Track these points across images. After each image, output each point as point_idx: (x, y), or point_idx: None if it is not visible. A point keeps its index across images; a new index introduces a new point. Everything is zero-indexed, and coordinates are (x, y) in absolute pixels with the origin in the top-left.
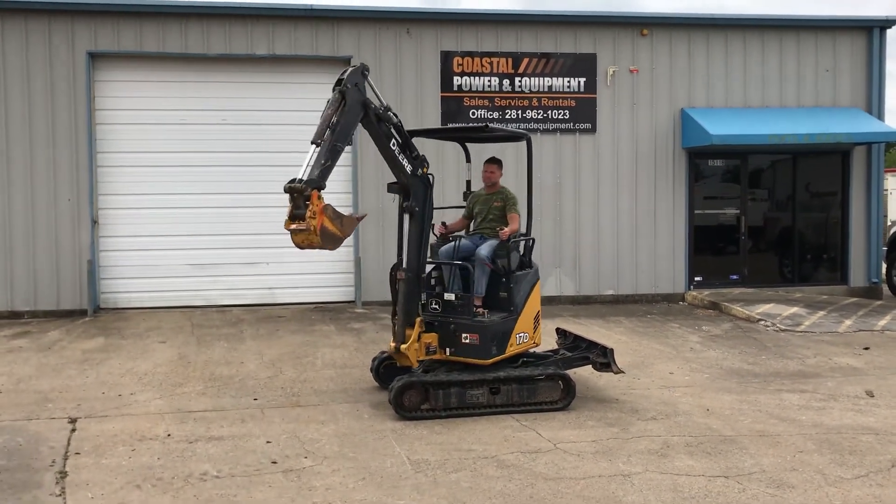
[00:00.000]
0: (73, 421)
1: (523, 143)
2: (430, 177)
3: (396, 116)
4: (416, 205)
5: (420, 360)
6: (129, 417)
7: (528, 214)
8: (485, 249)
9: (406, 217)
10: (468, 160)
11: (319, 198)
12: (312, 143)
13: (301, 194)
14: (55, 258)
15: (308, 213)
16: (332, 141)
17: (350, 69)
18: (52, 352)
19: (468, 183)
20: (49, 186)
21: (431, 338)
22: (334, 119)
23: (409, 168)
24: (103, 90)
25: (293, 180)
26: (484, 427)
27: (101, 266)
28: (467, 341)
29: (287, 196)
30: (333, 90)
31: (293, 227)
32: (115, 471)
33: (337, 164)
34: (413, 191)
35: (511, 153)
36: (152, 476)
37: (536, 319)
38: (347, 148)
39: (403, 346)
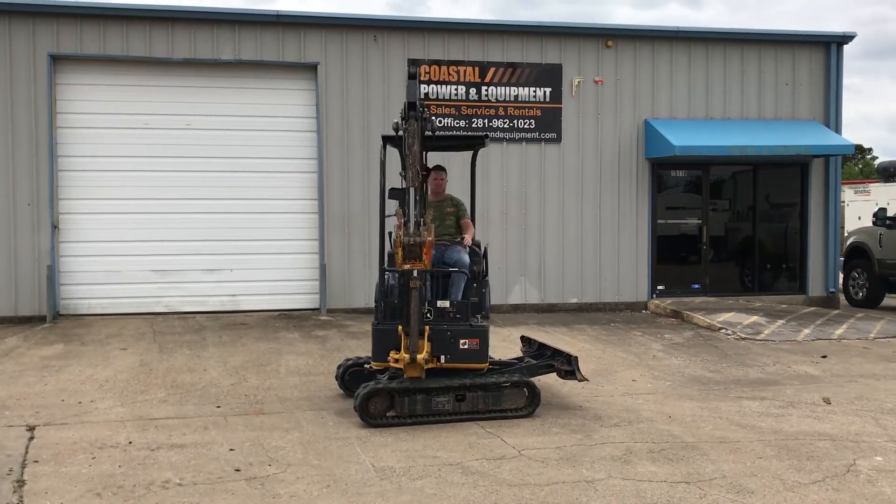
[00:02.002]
0: (31, 428)
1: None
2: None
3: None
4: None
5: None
6: (89, 425)
7: (473, 220)
8: (466, 257)
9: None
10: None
11: (429, 238)
12: (411, 185)
13: (417, 247)
14: (14, 263)
15: (423, 254)
16: (415, 168)
17: (411, 85)
18: (9, 358)
19: None
20: (8, 190)
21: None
22: (416, 148)
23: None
24: (65, 93)
25: (407, 233)
26: (449, 434)
27: (61, 272)
28: (466, 347)
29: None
30: (408, 118)
31: (408, 267)
32: (75, 479)
33: (302, 171)
34: (420, 194)
35: (457, 160)
36: (113, 484)
37: None
38: (314, 155)
39: (420, 357)
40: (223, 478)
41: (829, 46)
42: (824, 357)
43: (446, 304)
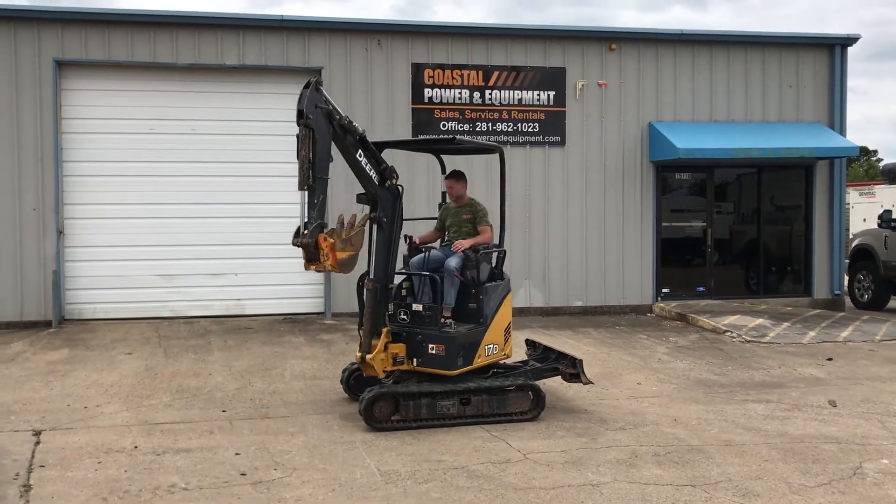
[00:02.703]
0: (37, 433)
1: (496, 156)
2: (398, 188)
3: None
4: (384, 215)
5: (387, 370)
6: (94, 430)
7: (500, 226)
8: (454, 260)
9: (375, 227)
10: (443, 172)
11: (325, 240)
12: (300, 189)
13: (309, 248)
14: (19, 268)
15: (322, 257)
16: (315, 177)
17: (304, 93)
18: (15, 363)
19: (443, 195)
20: (13, 196)
21: (399, 348)
22: (311, 156)
23: (376, 179)
24: (70, 99)
25: (297, 233)
26: (454, 437)
27: (66, 276)
28: (433, 352)
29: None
30: (298, 124)
31: (313, 269)
32: (81, 483)
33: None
34: (381, 202)
35: (481, 166)
36: (119, 489)
37: (507, 331)
38: None
39: (369, 357)
40: (229, 482)
41: (833, 48)
42: (830, 359)
43: (419, 307)
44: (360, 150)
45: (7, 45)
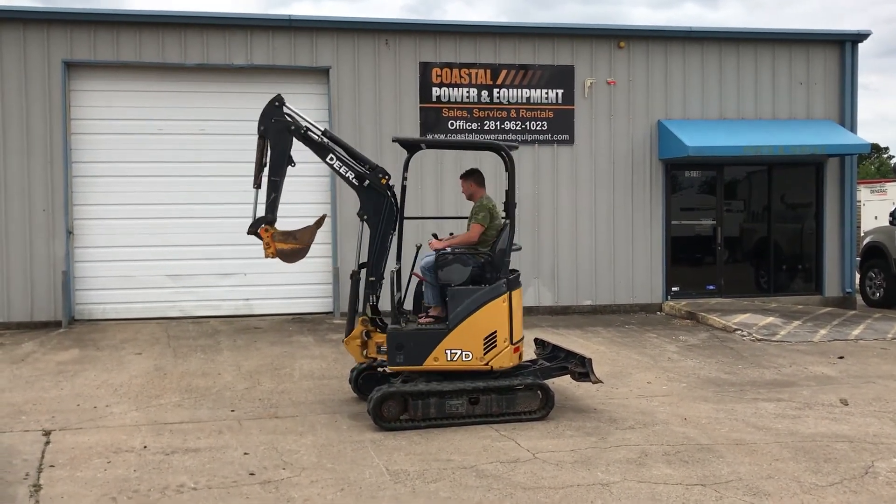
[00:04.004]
0: (47, 433)
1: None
2: (386, 187)
3: (324, 134)
4: (365, 213)
5: (370, 356)
6: (104, 429)
7: (510, 228)
8: (425, 260)
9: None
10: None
11: (267, 230)
12: (254, 187)
13: (256, 235)
14: (29, 269)
15: (263, 246)
16: (269, 178)
17: (265, 108)
18: (25, 364)
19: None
20: (23, 197)
21: (381, 338)
22: (264, 161)
23: (354, 179)
24: (79, 100)
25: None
26: (463, 437)
27: (76, 277)
28: (384, 348)
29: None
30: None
31: (267, 256)
32: (91, 483)
33: (315, 175)
34: (362, 200)
35: (491, 165)
36: (128, 488)
37: (491, 339)
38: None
39: (344, 340)
40: (238, 482)
41: (844, 45)
42: (841, 358)
43: (389, 302)
44: (329, 154)
45: (16, 47)
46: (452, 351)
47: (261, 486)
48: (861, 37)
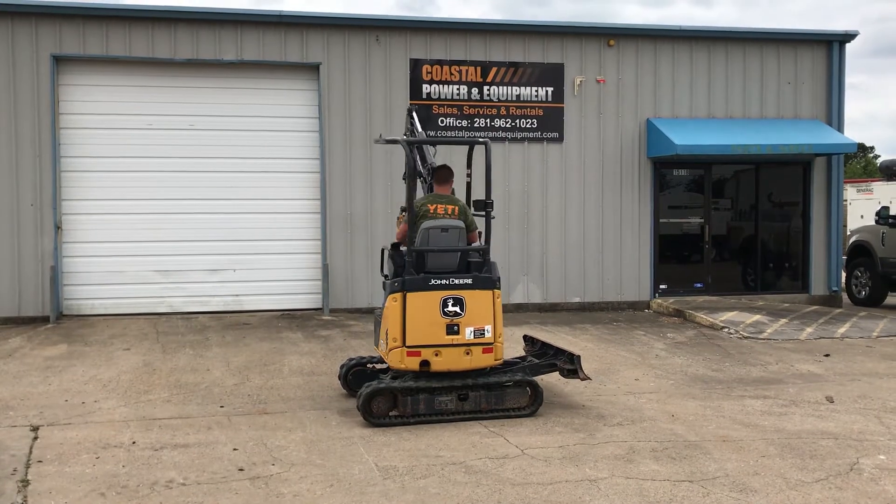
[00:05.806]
0: (35, 429)
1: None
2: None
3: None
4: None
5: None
6: (93, 425)
7: (486, 227)
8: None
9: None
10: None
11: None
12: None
13: None
14: (17, 264)
15: None
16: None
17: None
18: (13, 359)
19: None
20: (11, 191)
21: None
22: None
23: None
24: (68, 94)
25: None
26: (452, 433)
27: (64, 272)
28: None
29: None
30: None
31: None
32: (79, 479)
33: (304, 171)
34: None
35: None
36: (117, 484)
37: (386, 337)
38: (316, 155)
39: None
40: (227, 477)
41: (832, 45)
42: (827, 356)
43: None
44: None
45: (4, 41)
46: (380, 340)
47: (250, 482)
48: (848, 37)
